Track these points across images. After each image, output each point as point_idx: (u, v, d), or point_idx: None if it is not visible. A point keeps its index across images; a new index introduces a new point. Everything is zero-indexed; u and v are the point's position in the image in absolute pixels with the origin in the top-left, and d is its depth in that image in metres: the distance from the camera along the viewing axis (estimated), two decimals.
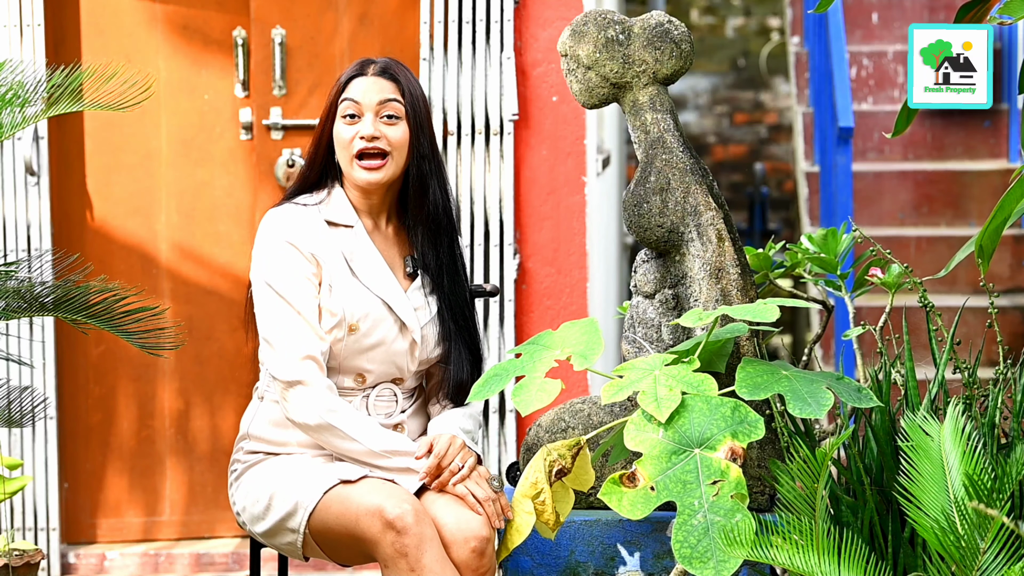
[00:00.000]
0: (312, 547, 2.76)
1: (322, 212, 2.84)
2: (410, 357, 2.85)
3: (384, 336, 2.82)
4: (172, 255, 4.33)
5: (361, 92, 2.80)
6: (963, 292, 5.25)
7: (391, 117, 2.81)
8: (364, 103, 2.80)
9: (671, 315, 2.91)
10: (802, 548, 2.37)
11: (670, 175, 2.87)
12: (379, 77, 2.81)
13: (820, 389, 2.53)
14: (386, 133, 2.80)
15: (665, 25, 2.90)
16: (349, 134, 2.80)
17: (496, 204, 4.14)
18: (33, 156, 4.15)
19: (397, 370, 2.85)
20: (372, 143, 2.79)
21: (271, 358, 2.76)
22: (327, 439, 2.75)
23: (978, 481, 2.36)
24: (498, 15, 4.12)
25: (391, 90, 2.81)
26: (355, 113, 2.80)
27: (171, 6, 4.29)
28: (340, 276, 2.80)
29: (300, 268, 2.77)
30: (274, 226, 2.81)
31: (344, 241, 2.82)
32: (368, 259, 2.83)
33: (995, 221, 2.67)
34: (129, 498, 4.36)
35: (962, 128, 5.91)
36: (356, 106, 2.80)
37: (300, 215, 2.81)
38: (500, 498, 2.74)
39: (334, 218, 2.83)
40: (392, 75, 2.82)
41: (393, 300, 2.82)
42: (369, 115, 2.80)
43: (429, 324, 2.87)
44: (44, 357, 4.19)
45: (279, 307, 2.76)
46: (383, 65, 2.83)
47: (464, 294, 2.92)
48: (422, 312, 2.86)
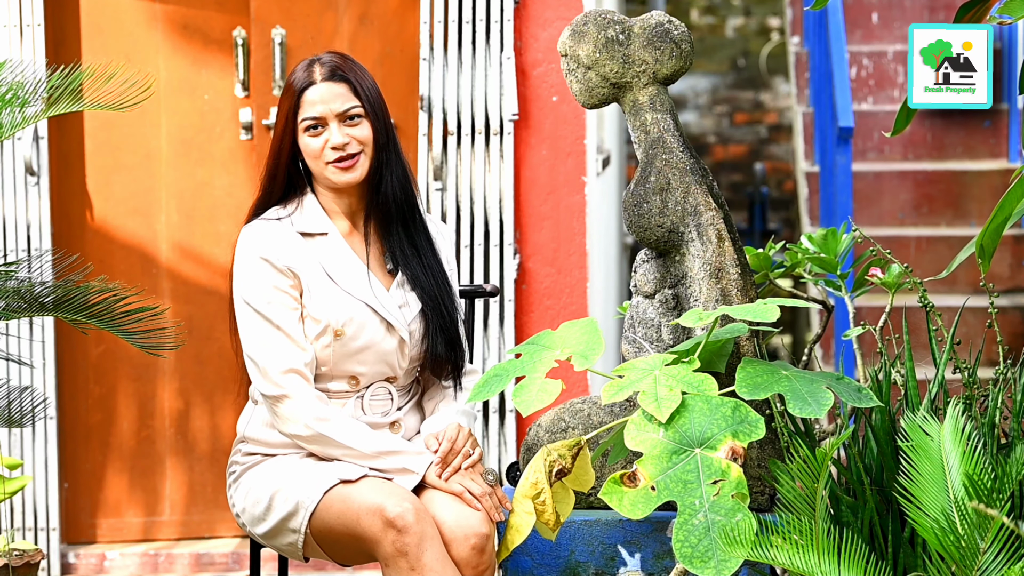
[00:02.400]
0: (313, 547, 2.76)
1: (294, 224, 2.83)
2: (400, 355, 2.85)
3: (371, 338, 2.82)
4: (172, 255, 4.33)
5: (320, 103, 2.79)
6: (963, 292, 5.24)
7: (353, 118, 2.80)
8: (325, 113, 2.79)
9: (671, 315, 2.91)
10: (802, 548, 2.37)
11: (670, 175, 2.87)
12: (331, 82, 2.79)
13: (820, 389, 2.53)
14: (352, 135, 2.80)
15: (665, 25, 2.90)
16: (318, 144, 2.80)
17: (496, 204, 4.14)
18: (33, 156, 4.15)
19: (389, 369, 2.85)
20: (344, 150, 2.79)
21: (255, 376, 2.79)
22: (320, 448, 2.77)
23: (978, 481, 2.36)
24: (498, 15, 4.12)
25: (347, 92, 2.80)
26: (318, 124, 2.80)
27: (171, 6, 4.29)
28: (319, 284, 2.80)
29: (276, 282, 2.78)
30: (247, 243, 2.81)
31: (320, 249, 2.82)
32: (346, 264, 2.83)
33: (995, 221, 2.67)
34: (129, 498, 4.36)
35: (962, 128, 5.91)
36: (318, 119, 2.79)
37: (272, 229, 2.81)
38: (496, 491, 2.75)
39: (307, 228, 2.83)
40: (342, 75, 2.80)
41: (374, 302, 2.82)
42: (333, 123, 2.80)
43: (416, 319, 2.87)
44: (44, 357, 4.19)
45: (258, 324, 2.78)
46: (331, 67, 2.80)
47: (439, 269, 2.90)
48: (407, 309, 2.86)
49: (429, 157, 4.13)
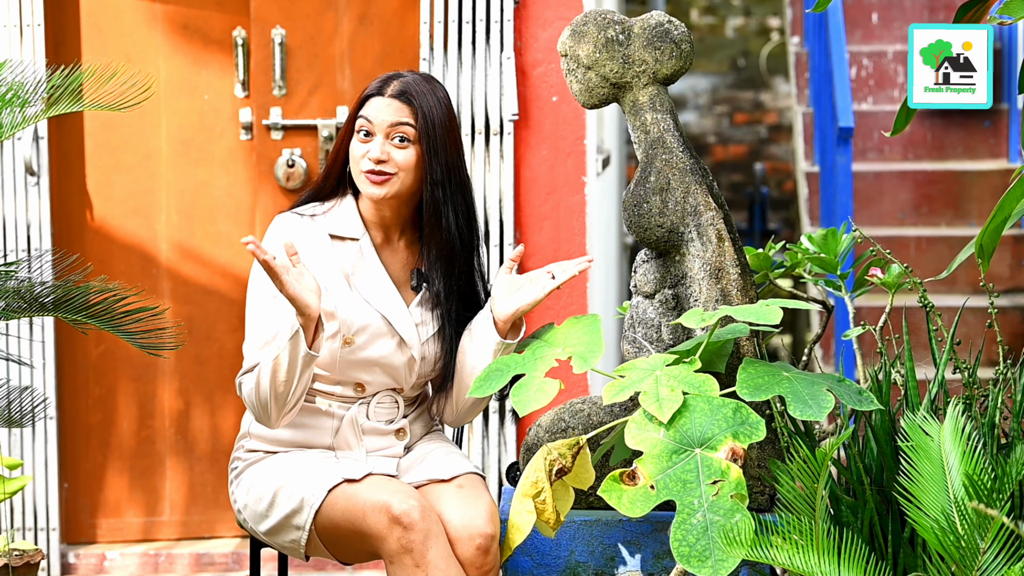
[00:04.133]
0: (316, 545, 2.76)
1: (327, 225, 2.84)
2: (408, 372, 2.85)
3: (381, 351, 2.81)
4: (172, 255, 4.33)
5: (375, 113, 2.80)
6: (963, 292, 5.25)
7: (402, 140, 2.80)
8: (376, 123, 2.80)
9: (671, 315, 2.91)
10: (802, 548, 2.37)
11: (670, 175, 2.87)
12: (395, 99, 2.80)
13: (821, 391, 2.53)
14: (394, 156, 2.79)
15: (665, 25, 2.90)
16: (360, 152, 2.81)
17: (496, 204, 4.14)
18: (33, 156, 4.15)
19: (395, 382, 2.85)
20: (379, 165, 2.79)
21: (245, 348, 2.79)
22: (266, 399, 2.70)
23: (978, 481, 2.36)
24: (498, 15, 4.12)
25: (405, 114, 2.80)
26: (369, 131, 2.81)
27: (171, 6, 4.29)
28: (337, 288, 2.80)
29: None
30: (273, 230, 2.83)
31: (346, 254, 2.83)
32: (371, 273, 2.83)
33: (995, 221, 2.67)
34: (129, 498, 4.36)
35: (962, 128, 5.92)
36: (369, 125, 2.81)
37: (300, 225, 2.83)
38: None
39: (338, 231, 2.84)
40: (408, 99, 2.80)
41: (393, 315, 2.82)
42: (380, 136, 2.80)
43: (430, 341, 2.86)
44: (44, 357, 4.19)
45: (257, 317, 2.78)
46: (402, 87, 2.81)
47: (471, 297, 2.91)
48: (423, 328, 2.86)
49: None
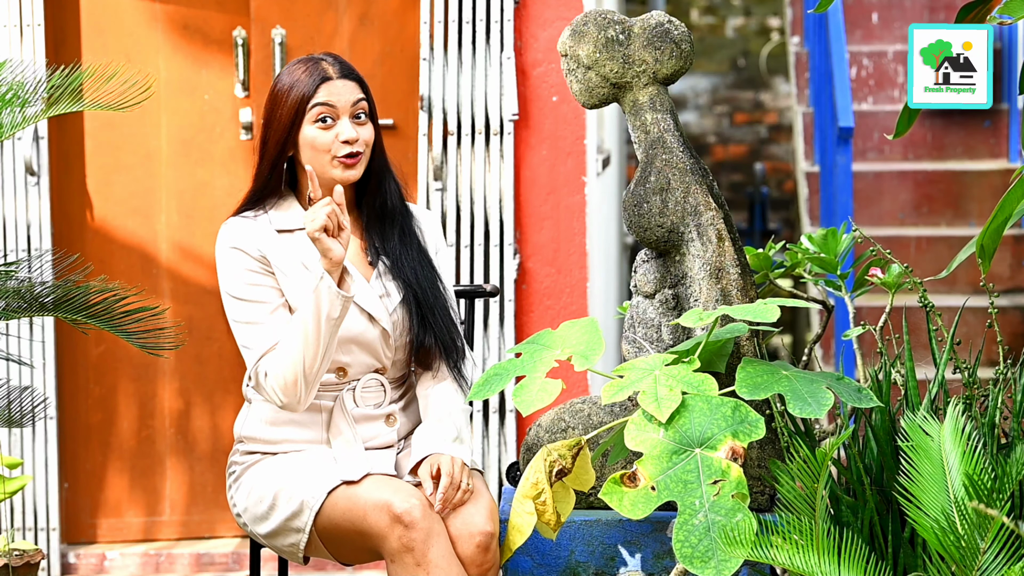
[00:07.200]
0: (316, 546, 2.76)
1: (273, 222, 2.83)
2: (384, 345, 2.85)
3: (353, 329, 2.81)
4: (172, 255, 4.33)
5: (336, 96, 2.79)
6: (963, 292, 5.25)
7: (360, 116, 2.81)
8: (340, 106, 2.79)
9: (671, 315, 2.91)
10: (802, 548, 2.37)
11: (670, 175, 2.87)
12: (346, 79, 2.80)
13: (820, 389, 2.53)
14: (360, 134, 2.81)
15: (665, 25, 2.90)
16: (328, 137, 2.79)
17: (496, 204, 4.14)
18: (33, 156, 4.16)
19: (376, 360, 2.85)
20: (353, 146, 2.79)
21: (248, 360, 2.79)
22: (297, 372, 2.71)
23: (978, 481, 2.36)
24: (498, 15, 4.12)
25: (358, 90, 2.82)
26: (331, 116, 2.79)
27: (171, 6, 4.29)
28: (298, 276, 2.80)
29: (250, 266, 2.79)
30: (221, 238, 2.83)
31: (298, 245, 2.82)
32: None
33: (995, 221, 2.67)
34: (129, 498, 4.36)
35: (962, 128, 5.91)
36: (331, 110, 2.78)
37: (246, 225, 2.82)
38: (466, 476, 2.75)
39: (285, 224, 2.83)
40: (355, 75, 2.82)
41: (356, 294, 2.82)
42: (345, 118, 2.80)
43: (397, 309, 2.86)
44: (44, 357, 4.19)
45: (241, 310, 2.79)
46: (343, 65, 2.82)
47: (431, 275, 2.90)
48: (387, 299, 2.86)
49: (429, 157, 4.13)
